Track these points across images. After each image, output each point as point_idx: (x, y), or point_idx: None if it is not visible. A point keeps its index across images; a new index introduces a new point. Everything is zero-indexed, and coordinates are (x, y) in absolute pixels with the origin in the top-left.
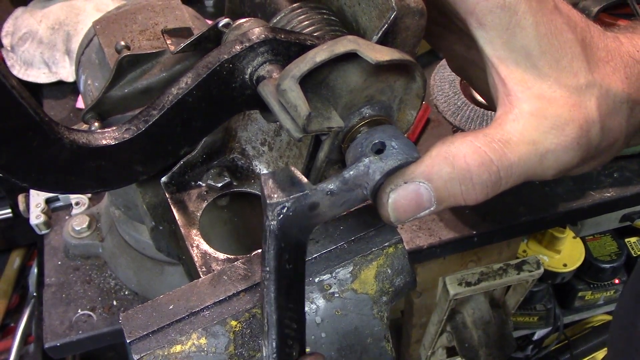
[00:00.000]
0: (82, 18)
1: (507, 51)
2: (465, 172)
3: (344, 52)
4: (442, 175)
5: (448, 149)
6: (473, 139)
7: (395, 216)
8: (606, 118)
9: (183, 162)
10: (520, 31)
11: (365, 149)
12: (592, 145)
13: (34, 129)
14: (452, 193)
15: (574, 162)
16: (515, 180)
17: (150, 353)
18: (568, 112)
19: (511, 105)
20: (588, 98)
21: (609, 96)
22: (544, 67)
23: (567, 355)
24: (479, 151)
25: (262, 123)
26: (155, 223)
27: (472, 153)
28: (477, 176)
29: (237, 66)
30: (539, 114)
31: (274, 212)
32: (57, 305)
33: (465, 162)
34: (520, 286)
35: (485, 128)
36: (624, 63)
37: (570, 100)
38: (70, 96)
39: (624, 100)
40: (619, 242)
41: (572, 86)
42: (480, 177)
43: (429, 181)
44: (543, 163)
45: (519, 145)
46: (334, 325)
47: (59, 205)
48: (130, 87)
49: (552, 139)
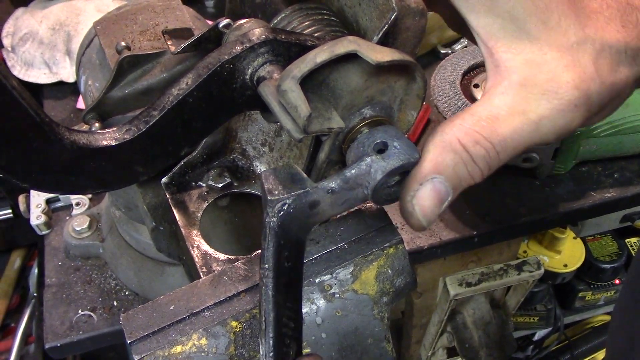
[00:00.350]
0: (83, 18)
1: (492, 18)
2: (463, 153)
3: (344, 52)
4: (448, 163)
5: (443, 138)
6: (461, 121)
7: (426, 219)
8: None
9: (184, 163)
10: None
11: (367, 149)
12: (594, 103)
13: (34, 130)
14: (461, 177)
15: (575, 123)
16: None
17: (150, 354)
18: (561, 74)
19: (500, 76)
20: (581, 55)
21: (604, 49)
22: (531, 30)
23: (568, 356)
24: (469, 132)
25: (263, 123)
26: (156, 223)
27: (464, 135)
28: (475, 154)
29: (237, 67)
30: (528, 83)
31: (274, 209)
32: (57, 305)
33: (461, 144)
34: (521, 287)
35: (473, 105)
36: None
37: (563, 60)
38: (71, 97)
39: (621, 50)
40: (620, 243)
41: (563, 45)
42: (478, 154)
43: (439, 173)
44: (540, 130)
45: (508, 118)
46: (335, 325)
47: (60, 206)
48: (131, 88)
49: (545, 104)
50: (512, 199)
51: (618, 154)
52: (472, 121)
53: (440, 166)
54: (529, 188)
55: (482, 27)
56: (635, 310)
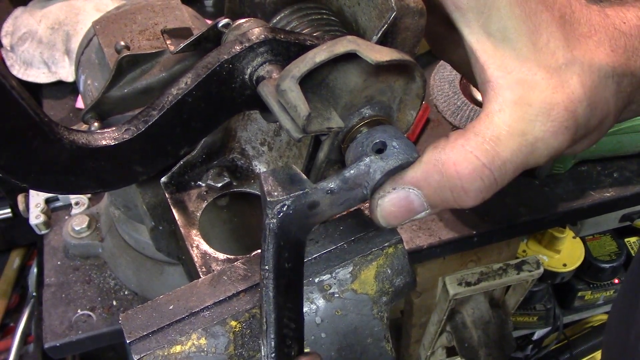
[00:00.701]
0: (82, 18)
1: (485, 35)
2: (455, 180)
3: (343, 52)
4: (431, 183)
5: (438, 156)
6: (464, 142)
7: (385, 221)
8: (592, 94)
9: (183, 162)
10: (496, 12)
11: (366, 149)
12: (581, 125)
13: (33, 130)
14: (443, 199)
15: (564, 146)
16: (510, 176)
17: (150, 353)
18: (551, 95)
19: (494, 92)
20: (569, 77)
21: (592, 71)
22: (522, 50)
23: (567, 355)
24: (469, 157)
25: (262, 123)
26: (155, 223)
27: (463, 160)
28: (468, 183)
29: (236, 66)
30: (522, 102)
31: (273, 210)
32: (56, 305)
33: (455, 170)
34: (520, 286)
35: (475, 123)
36: (608, 36)
37: (552, 81)
38: (70, 96)
39: (609, 75)
40: (619, 242)
41: (551, 67)
42: (473, 184)
43: (419, 188)
44: (534, 152)
45: (509, 140)
46: (334, 325)
47: (59, 205)
48: (130, 87)
49: (540, 126)
50: (512, 198)
51: (617, 153)
52: (476, 143)
53: (422, 182)
54: (529, 187)
55: (475, 43)
56: (631, 309)
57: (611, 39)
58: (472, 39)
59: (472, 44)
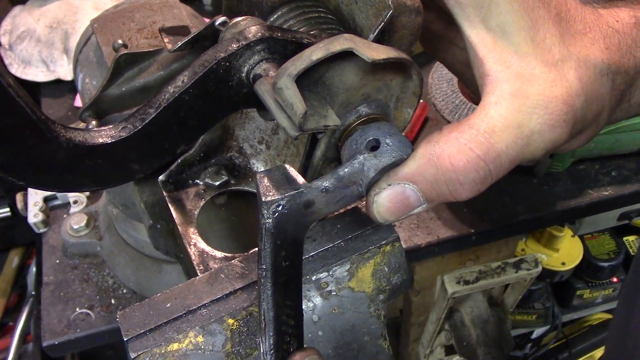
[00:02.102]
0: (80, 16)
1: (485, 29)
2: (450, 173)
3: (340, 50)
4: (426, 177)
5: (433, 150)
6: (458, 134)
7: (382, 218)
8: (589, 89)
9: (180, 161)
10: (495, 7)
11: (359, 146)
12: (579, 119)
13: (30, 128)
14: (439, 193)
15: (562, 139)
16: (506, 169)
17: (147, 351)
18: (550, 89)
19: (492, 86)
20: (567, 71)
21: (588, 67)
22: (520, 44)
23: (566, 354)
24: (464, 150)
25: (260, 121)
26: (153, 221)
27: (457, 153)
28: (463, 176)
29: (233, 64)
30: (520, 94)
31: (269, 211)
32: (55, 303)
33: (449, 162)
34: (519, 284)
35: (471, 116)
36: (602, 34)
37: (550, 75)
38: (68, 95)
39: (604, 72)
40: (617, 241)
41: (548, 62)
42: (467, 176)
43: (414, 183)
44: (530, 145)
45: (504, 132)
46: (331, 323)
47: (57, 204)
48: (128, 86)
49: (537, 118)
50: (510, 197)
51: (615, 152)
52: (470, 136)
53: (417, 177)
54: (527, 186)
55: (475, 37)
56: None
57: (605, 36)
58: (471, 33)
59: (472, 38)
